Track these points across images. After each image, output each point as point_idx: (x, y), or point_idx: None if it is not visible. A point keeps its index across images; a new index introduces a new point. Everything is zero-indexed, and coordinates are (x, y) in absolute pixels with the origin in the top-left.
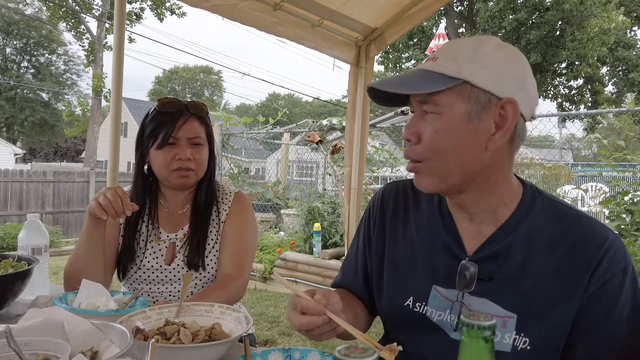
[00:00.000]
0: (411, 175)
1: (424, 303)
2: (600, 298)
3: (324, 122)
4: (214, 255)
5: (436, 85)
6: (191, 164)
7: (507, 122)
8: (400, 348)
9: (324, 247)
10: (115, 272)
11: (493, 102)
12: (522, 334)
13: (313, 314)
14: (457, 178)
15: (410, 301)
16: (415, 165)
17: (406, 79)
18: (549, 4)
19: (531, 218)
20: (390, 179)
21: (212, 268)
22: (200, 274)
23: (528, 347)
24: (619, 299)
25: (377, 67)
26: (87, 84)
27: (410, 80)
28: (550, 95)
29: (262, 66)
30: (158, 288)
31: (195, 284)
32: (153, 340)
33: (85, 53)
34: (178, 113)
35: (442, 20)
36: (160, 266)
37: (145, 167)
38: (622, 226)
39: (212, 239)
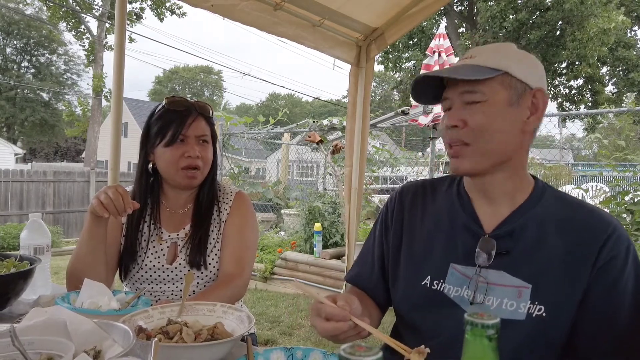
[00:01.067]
0: (410, 177)
1: (441, 280)
2: (608, 272)
3: (325, 122)
4: (215, 255)
5: (483, 75)
6: (199, 162)
7: (539, 109)
8: (428, 350)
9: (325, 247)
10: (117, 272)
11: (527, 90)
12: (536, 302)
13: (339, 320)
14: (498, 157)
15: (427, 280)
16: (459, 148)
17: (454, 70)
18: (549, 3)
19: (543, 203)
20: (390, 179)
21: (214, 267)
22: (202, 273)
23: (544, 314)
24: (623, 274)
25: (377, 67)
26: (88, 84)
27: (459, 70)
28: (550, 95)
29: (262, 66)
30: (160, 287)
31: (197, 283)
32: (156, 339)
33: (86, 53)
34: (187, 111)
35: (442, 20)
36: (162, 265)
37: (150, 165)
38: (623, 226)
39: (213, 238)
